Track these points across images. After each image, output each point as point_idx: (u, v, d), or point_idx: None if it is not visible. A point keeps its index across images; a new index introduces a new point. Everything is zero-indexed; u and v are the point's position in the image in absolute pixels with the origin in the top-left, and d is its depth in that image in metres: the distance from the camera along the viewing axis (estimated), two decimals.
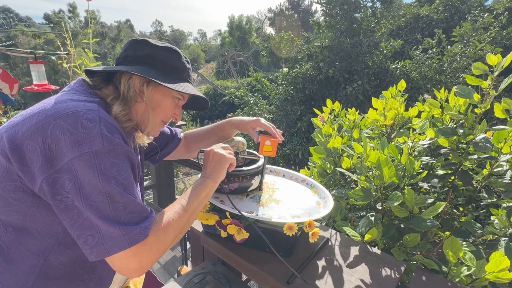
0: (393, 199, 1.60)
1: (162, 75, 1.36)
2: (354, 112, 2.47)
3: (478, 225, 1.70)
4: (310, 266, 1.52)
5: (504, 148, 1.69)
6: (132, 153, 1.18)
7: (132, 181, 1.16)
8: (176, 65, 1.43)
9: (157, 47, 1.38)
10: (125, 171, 1.12)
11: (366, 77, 11.37)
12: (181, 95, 1.45)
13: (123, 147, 1.13)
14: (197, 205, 1.31)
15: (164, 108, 1.43)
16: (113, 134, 1.11)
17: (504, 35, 11.29)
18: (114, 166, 1.09)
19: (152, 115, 1.40)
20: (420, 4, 16.74)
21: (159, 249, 1.15)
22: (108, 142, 1.08)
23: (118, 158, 1.11)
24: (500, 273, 1.28)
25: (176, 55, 1.43)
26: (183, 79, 1.45)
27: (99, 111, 1.13)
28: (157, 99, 1.39)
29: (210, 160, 1.47)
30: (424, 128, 1.95)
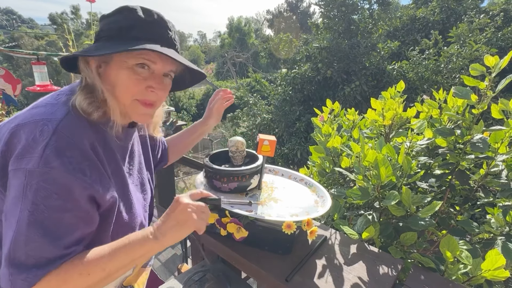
0: (390, 198, 1.60)
1: (105, 45, 1.12)
2: (354, 112, 2.47)
3: (474, 224, 1.70)
4: (309, 264, 1.51)
5: (501, 148, 1.68)
6: (77, 180, 1.00)
7: (61, 213, 0.99)
8: (123, 25, 1.13)
9: (105, 17, 1.17)
10: (52, 199, 0.97)
11: (364, 78, 11.39)
12: (144, 58, 1.13)
13: (61, 172, 0.97)
14: (125, 264, 1.07)
15: (122, 84, 1.15)
16: (61, 154, 0.98)
17: (500, 36, 11.31)
18: (41, 191, 0.95)
19: (113, 98, 1.15)
20: (417, 6, 16.73)
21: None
22: (44, 163, 0.95)
23: (48, 182, 0.96)
24: (496, 271, 1.28)
25: (125, 14, 1.14)
26: (139, 38, 1.12)
27: (62, 121, 1.02)
28: (110, 78, 1.15)
29: (172, 216, 1.12)
30: (422, 128, 1.95)
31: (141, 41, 1.11)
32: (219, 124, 28.19)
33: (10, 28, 16.31)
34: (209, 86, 37.08)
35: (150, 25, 1.15)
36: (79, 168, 1.01)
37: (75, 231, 1.04)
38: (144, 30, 1.14)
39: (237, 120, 15.10)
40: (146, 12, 1.15)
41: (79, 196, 1.02)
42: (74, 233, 1.03)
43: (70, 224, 1.02)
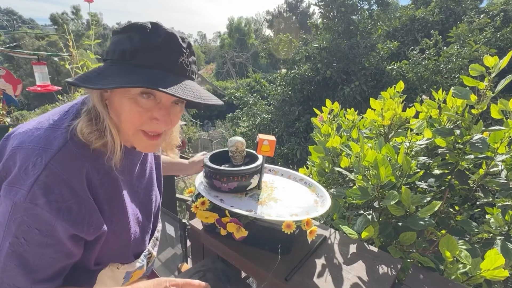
0: (389, 198, 1.60)
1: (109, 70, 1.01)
2: (353, 113, 2.46)
3: (474, 224, 1.70)
4: (308, 264, 1.51)
5: (500, 148, 1.68)
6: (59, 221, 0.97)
7: (41, 248, 0.99)
8: (127, 48, 0.99)
9: (115, 33, 1.05)
10: (34, 234, 0.96)
11: (363, 78, 11.40)
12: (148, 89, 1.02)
13: (44, 212, 0.95)
14: None
15: (125, 115, 1.06)
16: (48, 191, 0.95)
17: (499, 36, 11.32)
18: (23, 225, 0.95)
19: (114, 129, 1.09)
20: (416, 6, 16.74)
21: None
22: (30, 199, 0.93)
23: (31, 218, 0.95)
24: (495, 270, 1.28)
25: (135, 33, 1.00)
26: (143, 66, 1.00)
27: (57, 155, 0.99)
28: (116, 104, 1.07)
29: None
30: (422, 128, 1.95)
31: (143, 68, 0.99)
32: (219, 124, 28.20)
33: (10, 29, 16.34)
34: (208, 86, 37.06)
35: (156, 48, 1.00)
36: (65, 206, 0.98)
37: (54, 265, 1.04)
38: (148, 55, 0.99)
39: (237, 120, 15.11)
40: (153, 31, 1.00)
41: (62, 234, 1.00)
42: (51, 268, 1.03)
43: (50, 258, 1.02)
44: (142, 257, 1.41)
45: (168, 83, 0.96)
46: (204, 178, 1.74)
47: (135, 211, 1.32)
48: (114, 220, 1.19)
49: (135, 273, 1.40)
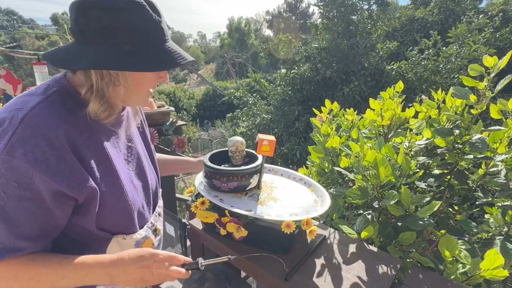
0: (389, 198, 1.60)
1: (135, 49, 1.11)
2: (352, 113, 2.46)
3: (473, 224, 1.70)
4: (308, 263, 1.51)
5: (500, 148, 1.68)
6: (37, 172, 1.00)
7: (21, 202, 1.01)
8: (140, 27, 1.10)
9: (113, 10, 1.05)
10: (12, 187, 0.99)
11: (363, 78, 11.38)
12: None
13: (21, 163, 0.98)
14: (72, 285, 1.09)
15: (147, 83, 1.24)
16: (25, 143, 0.99)
17: (498, 36, 11.32)
18: (2, 178, 0.98)
19: (135, 94, 1.23)
20: (415, 7, 16.73)
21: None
22: (8, 152, 0.97)
23: (10, 170, 0.98)
24: (494, 270, 1.28)
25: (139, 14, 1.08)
26: (159, 42, 1.16)
27: (32, 110, 1.03)
28: (137, 78, 1.19)
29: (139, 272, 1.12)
30: (421, 128, 1.95)
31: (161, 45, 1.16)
32: (219, 124, 28.20)
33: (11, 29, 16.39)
34: (208, 86, 37.07)
35: (159, 25, 1.15)
36: (43, 158, 1.01)
37: (33, 222, 1.05)
38: (159, 34, 1.15)
39: (237, 120, 15.10)
40: (153, 8, 1.13)
41: (41, 188, 1.02)
42: (33, 224, 1.05)
43: (31, 213, 1.04)
44: (145, 228, 1.42)
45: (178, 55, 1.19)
46: (204, 178, 1.74)
47: (129, 177, 1.35)
48: (108, 182, 1.21)
49: (145, 243, 1.41)
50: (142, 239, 1.39)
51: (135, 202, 1.33)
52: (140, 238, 1.38)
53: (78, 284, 1.09)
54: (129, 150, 1.42)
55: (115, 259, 1.11)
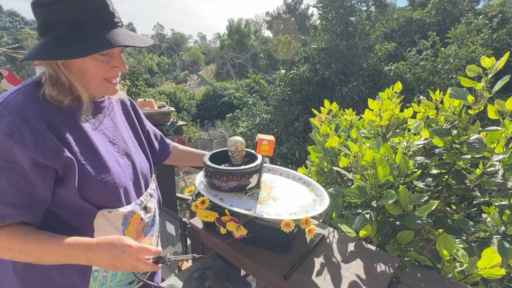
0: (387, 197, 1.60)
1: (64, 39, 1.20)
2: (351, 113, 2.46)
3: (471, 223, 1.70)
4: (307, 262, 1.51)
5: (497, 148, 1.68)
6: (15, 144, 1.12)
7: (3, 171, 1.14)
8: (72, 17, 1.19)
9: (45, 5, 1.19)
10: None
11: (361, 79, 11.40)
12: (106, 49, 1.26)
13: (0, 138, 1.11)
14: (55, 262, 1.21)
15: (91, 72, 1.29)
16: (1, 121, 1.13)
17: (495, 38, 11.33)
18: None
19: (83, 83, 1.31)
20: (413, 8, 16.76)
21: None
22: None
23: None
24: (491, 269, 1.28)
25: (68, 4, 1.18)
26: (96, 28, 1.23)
27: (10, 96, 1.20)
28: (77, 68, 1.28)
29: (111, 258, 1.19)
30: (419, 128, 1.95)
31: (99, 31, 1.23)
32: (219, 124, 28.21)
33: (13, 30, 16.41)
34: (208, 87, 37.10)
35: (99, 12, 1.23)
36: (18, 132, 1.13)
37: (18, 191, 1.17)
38: (96, 20, 1.22)
39: (237, 120, 15.12)
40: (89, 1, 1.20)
41: (21, 159, 1.14)
42: (17, 193, 1.17)
43: (15, 183, 1.15)
44: (133, 204, 1.51)
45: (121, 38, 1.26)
46: (204, 178, 1.74)
47: (114, 156, 1.45)
48: (88, 157, 1.32)
49: (133, 218, 1.50)
50: (129, 213, 1.47)
51: (120, 178, 1.42)
52: (127, 212, 1.46)
53: (61, 262, 1.21)
54: (115, 134, 1.53)
55: (92, 243, 1.20)
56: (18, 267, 1.34)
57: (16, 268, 1.35)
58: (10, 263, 1.35)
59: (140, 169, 1.59)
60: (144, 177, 1.63)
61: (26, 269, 1.34)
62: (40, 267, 1.33)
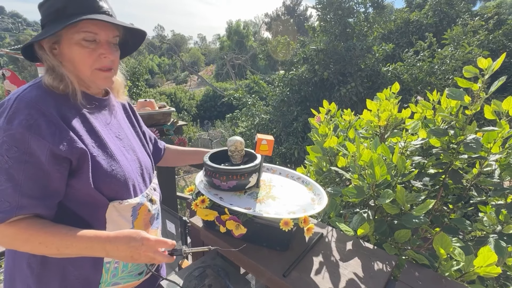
0: (385, 196, 1.60)
1: (49, 26, 1.30)
2: (350, 113, 2.46)
3: (467, 222, 1.70)
4: (306, 260, 1.51)
5: (494, 148, 1.68)
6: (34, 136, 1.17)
7: (22, 164, 1.17)
8: (57, 6, 1.29)
9: (41, 4, 1.34)
10: (13, 151, 1.16)
11: (359, 79, 11.38)
12: (87, 32, 1.31)
13: (18, 129, 1.15)
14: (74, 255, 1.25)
15: (79, 59, 1.34)
16: (19, 114, 1.18)
17: (491, 39, 11.33)
18: (4, 144, 1.15)
19: (74, 72, 1.36)
20: (411, 10, 16.74)
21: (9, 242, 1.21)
22: (7, 122, 1.16)
23: (9, 137, 1.15)
24: (488, 267, 1.28)
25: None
26: (74, 14, 1.28)
27: (24, 91, 1.26)
28: (66, 56, 1.35)
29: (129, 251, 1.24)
30: (417, 128, 1.95)
31: (77, 15, 1.26)
32: (219, 124, 28.20)
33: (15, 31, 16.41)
34: (208, 87, 37.06)
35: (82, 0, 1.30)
36: (35, 124, 1.18)
37: (34, 182, 1.20)
38: (77, 6, 1.29)
39: (236, 121, 15.09)
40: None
41: (36, 149, 1.18)
42: (34, 184, 1.20)
43: (32, 174, 1.19)
44: (140, 196, 1.56)
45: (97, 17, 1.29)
46: (204, 177, 1.75)
47: (121, 150, 1.51)
48: (99, 150, 1.38)
49: (141, 210, 1.56)
50: (138, 205, 1.53)
51: (128, 171, 1.48)
52: (135, 203, 1.51)
53: (78, 254, 1.25)
54: (119, 131, 1.59)
55: (111, 236, 1.25)
56: (33, 263, 1.37)
57: (31, 263, 1.37)
58: (24, 258, 1.37)
59: (144, 164, 1.64)
60: (147, 171, 1.68)
61: (41, 264, 1.37)
62: (55, 261, 1.36)
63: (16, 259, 1.42)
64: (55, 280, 1.39)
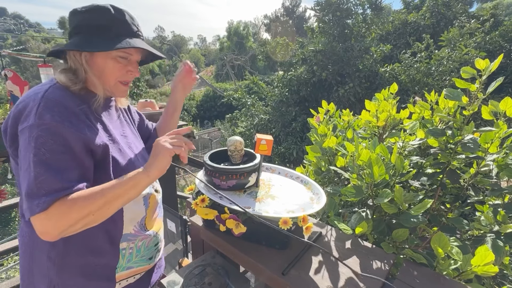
0: (383, 196, 1.60)
1: (92, 39, 1.37)
2: (348, 113, 2.46)
3: (465, 222, 1.70)
4: (304, 258, 1.51)
5: (491, 148, 1.68)
6: (66, 129, 1.24)
7: (59, 154, 1.22)
8: (102, 23, 1.38)
9: (79, 12, 1.39)
10: (49, 144, 1.20)
11: (357, 80, 11.40)
12: (125, 52, 1.46)
13: (52, 123, 1.21)
14: (120, 193, 1.30)
15: (109, 71, 1.45)
16: (50, 110, 1.23)
17: (488, 40, 11.34)
18: (40, 138, 1.19)
19: (99, 80, 1.45)
20: (408, 11, 16.74)
21: (60, 223, 1.19)
22: (39, 118, 1.20)
23: (44, 131, 1.20)
24: (485, 266, 1.28)
25: (100, 13, 1.38)
26: (116, 36, 1.40)
27: (47, 91, 1.29)
28: (98, 64, 1.43)
29: (152, 153, 1.39)
30: (415, 129, 1.95)
31: (122, 37, 1.40)
32: (219, 124, 28.19)
33: (17, 32, 16.54)
34: (208, 88, 37.09)
35: (124, 23, 1.43)
36: (66, 118, 1.26)
37: (72, 169, 1.26)
38: (121, 28, 1.41)
39: (236, 121, 15.12)
40: (118, 11, 1.42)
41: (70, 140, 1.25)
42: (72, 171, 1.26)
43: (67, 163, 1.25)
44: (148, 187, 1.69)
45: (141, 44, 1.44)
46: (204, 176, 1.74)
47: (128, 146, 1.62)
48: (114, 145, 1.48)
49: (150, 198, 1.70)
50: (147, 194, 1.68)
51: (136, 164, 1.57)
52: (146, 193, 1.66)
53: (124, 192, 1.31)
54: (123, 129, 1.69)
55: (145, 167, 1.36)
56: (53, 255, 1.42)
57: (51, 256, 1.42)
58: (44, 252, 1.43)
59: (145, 158, 1.71)
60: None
61: (61, 255, 1.43)
62: (74, 252, 1.44)
63: (34, 254, 1.47)
64: (77, 269, 1.46)
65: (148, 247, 1.70)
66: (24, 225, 1.49)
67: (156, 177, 1.37)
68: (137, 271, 1.69)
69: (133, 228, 1.60)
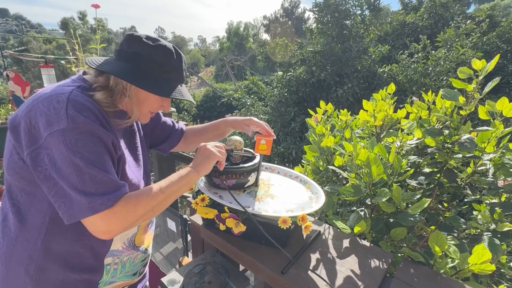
0: (381, 195, 1.60)
1: (148, 75, 1.38)
2: (346, 113, 2.46)
3: (462, 220, 1.70)
4: (303, 257, 1.51)
5: (488, 147, 1.68)
6: (100, 130, 1.23)
7: (101, 155, 1.22)
8: (164, 65, 1.40)
9: (148, 45, 1.37)
10: (90, 146, 1.19)
11: (356, 80, 11.40)
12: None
13: (87, 125, 1.19)
14: (175, 190, 1.38)
15: (149, 103, 1.48)
16: (80, 113, 1.19)
17: (485, 40, 11.34)
18: (79, 142, 1.16)
19: (137, 108, 1.47)
20: (406, 12, 16.76)
21: (127, 219, 1.22)
22: (73, 121, 1.16)
23: (82, 135, 1.17)
24: (482, 265, 1.28)
25: (165, 55, 1.40)
26: (171, 79, 1.44)
27: (71, 93, 1.23)
28: (142, 96, 1.45)
29: (200, 154, 1.53)
30: (412, 128, 1.95)
31: (175, 82, 1.45)
32: None
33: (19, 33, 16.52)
34: (208, 88, 37.05)
35: (180, 70, 1.46)
36: (97, 120, 1.24)
37: (113, 168, 1.28)
38: (176, 75, 1.45)
39: None
40: (179, 56, 1.44)
41: (106, 141, 1.26)
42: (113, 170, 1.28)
43: (109, 162, 1.26)
44: None
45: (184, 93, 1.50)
46: (204, 176, 1.74)
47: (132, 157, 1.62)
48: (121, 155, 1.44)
49: None
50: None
51: (137, 176, 1.58)
52: None
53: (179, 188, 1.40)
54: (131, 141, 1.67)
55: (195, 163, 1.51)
56: (31, 269, 1.35)
57: (29, 269, 1.35)
58: (22, 264, 1.36)
59: (145, 169, 1.71)
60: (147, 175, 1.74)
61: (39, 270, 1.37)
62: (53, 266, 1.38)
63: (10, 267, 1.38)
64: (56, 285, 1.40)
65: (134, 263, 1.67)
66: (1, 234, 1.42)
67: (202, 175, 1.51)
68: (120, 285, 1.64)
69: (121, 245, 1.57)
